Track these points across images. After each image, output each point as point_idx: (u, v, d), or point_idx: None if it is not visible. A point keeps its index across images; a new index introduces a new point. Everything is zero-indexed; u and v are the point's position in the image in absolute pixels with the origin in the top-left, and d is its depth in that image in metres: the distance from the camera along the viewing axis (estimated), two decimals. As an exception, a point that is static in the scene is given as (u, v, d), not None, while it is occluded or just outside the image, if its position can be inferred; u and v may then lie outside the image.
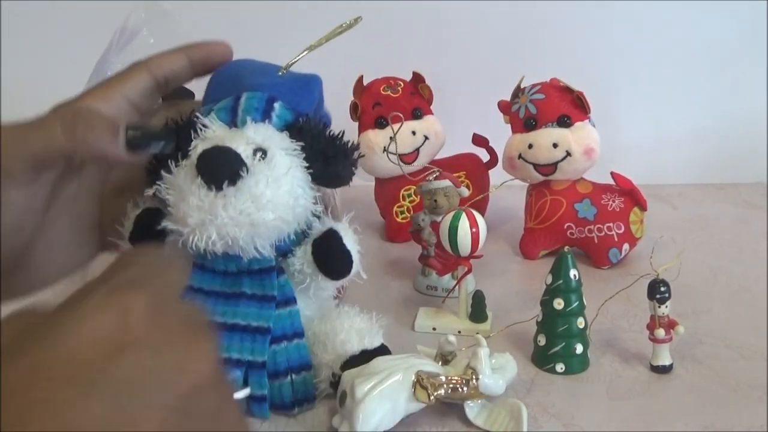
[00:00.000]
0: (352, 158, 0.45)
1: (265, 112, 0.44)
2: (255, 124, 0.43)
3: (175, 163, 0.42)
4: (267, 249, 0.43)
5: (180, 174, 0.42)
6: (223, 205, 0.40)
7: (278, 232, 0.43)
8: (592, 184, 0.72)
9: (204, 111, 0.44)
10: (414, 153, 0.76)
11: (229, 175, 0.40)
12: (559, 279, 0.51)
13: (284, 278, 0.47)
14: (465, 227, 0.56)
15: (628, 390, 0.50)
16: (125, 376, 0.27)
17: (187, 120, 0.43)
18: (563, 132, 0.68)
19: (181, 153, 0.42)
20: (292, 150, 0.43)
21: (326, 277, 0.47)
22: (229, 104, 0.44)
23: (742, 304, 0.62)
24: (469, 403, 0.46)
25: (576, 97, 0.68)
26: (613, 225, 0.69)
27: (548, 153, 0.69)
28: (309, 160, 0.44)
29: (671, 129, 0.94)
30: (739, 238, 0.78)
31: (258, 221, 0.41)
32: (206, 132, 0.43)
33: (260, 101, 0.44)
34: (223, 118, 0.44)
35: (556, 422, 0.47)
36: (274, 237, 0.43)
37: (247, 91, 0.44)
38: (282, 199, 0.42)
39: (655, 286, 0.51)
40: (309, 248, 0.46)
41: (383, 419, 0.43)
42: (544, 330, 0.53)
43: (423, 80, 0.77)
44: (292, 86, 0.45)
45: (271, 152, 0.42)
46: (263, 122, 0.43)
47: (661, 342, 0.51)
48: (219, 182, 0.40)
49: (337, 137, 0.45)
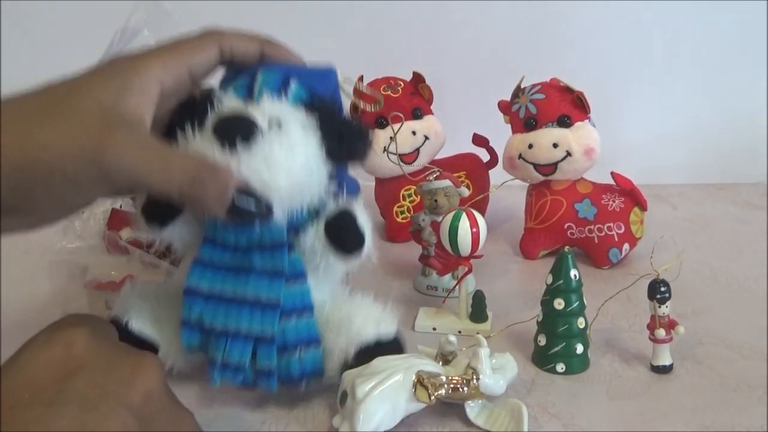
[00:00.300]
0: (367, 138, 0.46)
1: (281, 89, 0.44)
2: (271, 99, 0.44)
3: (192, 133, 0.42)
4: (279, 217, 0.43)
5: (195, 140, 0.42)
6: (236, 163, 0.40)
7: (290, 201, 0.43)
8: (592, 184, 0.72)
9: (221, 90, 0.45)
10: (414, 153, 0.76)
11: (243, 134, 0.41)
12: (560, 279, 0.51)
13: (295, 255, 0.47)
14: (465, 227, 0.56)
15: (628, 390, 0.50)
16: (81, 392, 0.30)
17: (204, 94, 0.44)
18: (563, 132, 0.68)
19: (198, 124, 0.42)
20: (308, 125, 0.44)
21: (338, 255, 0.46)
22: (245, 81, 0.44)
23: (742, 305, 0.62)
24: (470, 403, 0.46)
25: (576, 97, 0.69)
26: (614, 225, 0.69)
27: (548, 153, 0.69)
28: (324, 137, 0.44)
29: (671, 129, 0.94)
30: (739, 238, 0.78)
31: (270, 183, 0.41)
32: (222, 106, 0.43)
33: (276, 78, 0.44)
34: (240, 93, 0.44)
35: (557, 422, 0.47)
36: (285, 206, 0.43)
37: (264, 69, 0.45)
38: (295, 167, 0.42)
39: (655, 286, 0.51)
40: (322, 226, 0.46)
41: (384, 419, 0.43)
42: (545, 330, 0.53)
43: (423, 80, 0.77)
44: (309, 70, 0.46)
45: (287, 124, 0.43)
46: (279, 98, 0.44)
47: (662, 342, 0.51)
48: (233, 139, 0.40)
49: (353, 118, 0.46)
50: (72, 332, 0.33)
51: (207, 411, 0.48)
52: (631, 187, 0.69)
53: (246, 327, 0.46)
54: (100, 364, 0.32)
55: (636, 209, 0.69)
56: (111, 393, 0.31)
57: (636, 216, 0.69)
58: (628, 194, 0.70)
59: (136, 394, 0.32)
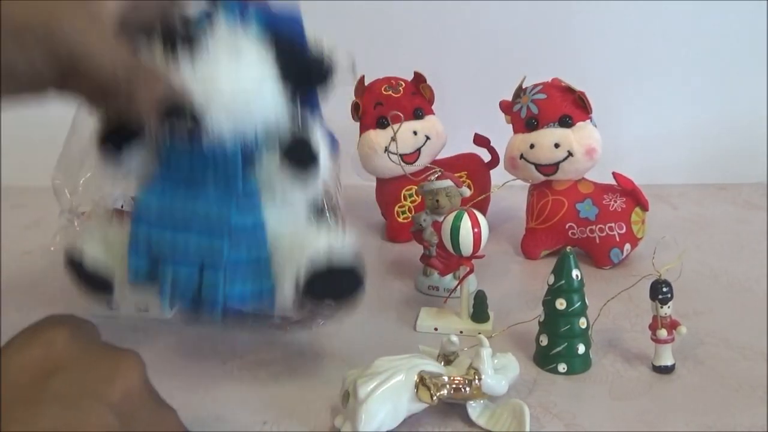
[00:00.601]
0: (325, 62, 0.45)
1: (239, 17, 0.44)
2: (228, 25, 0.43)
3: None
4: (225, 130, 0.42)
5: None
6: (178, 65, 0.40)
7: (236, 113, 0.42)
8: (593, 184, 0.72)
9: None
10: (415, 153, 0.76)
11: (186, 38, 0.41)
12: (562, 279, 0.51)
13: (250, 175, 0.45)
14: (467, 227, 0.56)
15: (630, 390, 0.50)
16: (60, 393, 0.31)
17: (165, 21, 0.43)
18: (565, 132, 0.68)
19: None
20: (262, 48, 0.43)
21: (292, 177, 0.44)
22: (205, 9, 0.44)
23: (743, 305, 0.62)
24: (472, 404, 0.46)
25: (578, 97, 0.69)
26: (615, 225, 0.69)
27: (550, 153, 0.69)
28: (278, 58, 0.44)
29: (672, 129, 0.94)
30: (740, 238, 0.78)
31: (212, 92, 0.41)
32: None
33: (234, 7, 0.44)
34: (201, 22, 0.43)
35: (558, 422, 0.47)
36: (231, 117, 0.42)
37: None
38: (241, 76, 0.42)
39: (657, 286, 0.51)
40: (279, 153, 0.45)
41: (386, 419, 0.43)
42: (546, 330, 0.53)
43: (424, 80, 0.77)
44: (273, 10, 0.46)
45: (238, 39, 0.42)
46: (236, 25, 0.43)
47: (664, 342, 0.51)
48: (173, 41, 0.40)
49: (314, 46, 0.45)
50: (52, 332, 0.33)
51: (209, 411, 0.48)
52: (633, 188, 0.69)
53: (195, 246, 0.44)
54: (80, 363, 0.32)
55: (637, 209, 0.69)
56: (91, 391, 0.31)
57: (637, 216, 0.69)
58: (630, 194, 0.70)
59: (116, 392, 0.32)
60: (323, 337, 0.58)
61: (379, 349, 0.52)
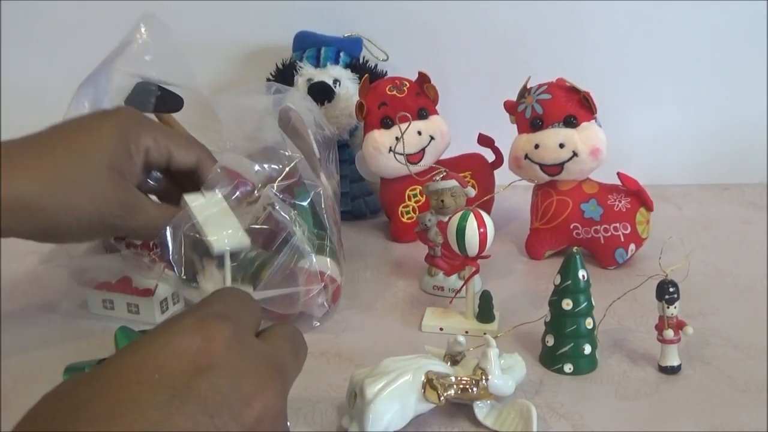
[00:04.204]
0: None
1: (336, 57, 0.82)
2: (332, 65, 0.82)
3: None
4: None
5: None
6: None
7: None
8: (598, 185, 0.71)
9: (296, 56, 0.83)
10: (420, 153, 0.76)
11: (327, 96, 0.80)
12: (568, 279, 0.51)
13: None
14: (473, 227, 0.56)
15: (636, 390, 0.50)
16: (203, 395, 0.30)
17: (288, 64, 0.83)
18: (570, 132, 0.68)
19: None
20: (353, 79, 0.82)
21: None
22: (313, 53, 0.82)
23: (748, 305, 0.62)
24: (479, 404, 0.46)
25: (582, 97, 0.68)
26: (620, 225, 0.69)
27: (555, 153, 0.68)
28: None
29: (676, 129, 0.94)
30: (744, 238, 0.78)
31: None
32: (302, 70, 0.82)
33: (332, 51, 0.82)
34: (311, 62, 0.82)
35: (565, 423, 0.47)
36: None
37: (324, 45, 0.82)
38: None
39: (664, 286, 0.51)
40: None
41: (393, 419, 0.43)
42: (553, 330, 0.52)
43: (428, 80, 0.77)
44: (349, 41, 0.85)
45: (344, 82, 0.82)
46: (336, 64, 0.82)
47: (670, 343, 0.51)
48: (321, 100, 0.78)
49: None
50: (216, 328, 0.33)
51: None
52: (637, 188, 0.69)
53: None
54: (230, 369, 0.32)
55: (642, 209, 0.69)
56: (229, 406, 0.30)
57: (642, 216, 0.69)
58: (634, 194, 0.70)
59: (250, 415, 0.31)
60: (329, 337, 0.58)
61: (383, 349, 0.52)
